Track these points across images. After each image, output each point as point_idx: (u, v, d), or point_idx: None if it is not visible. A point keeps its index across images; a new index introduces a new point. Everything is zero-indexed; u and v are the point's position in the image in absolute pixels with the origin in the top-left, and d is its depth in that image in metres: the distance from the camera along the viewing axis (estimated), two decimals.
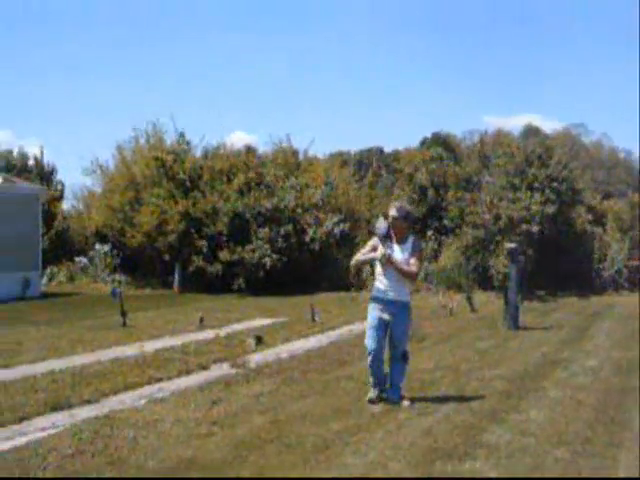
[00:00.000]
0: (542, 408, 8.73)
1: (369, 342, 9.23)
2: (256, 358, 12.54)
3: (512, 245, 18.12)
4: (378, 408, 8.80)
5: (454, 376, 10.83)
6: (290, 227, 29.08)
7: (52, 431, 7.94)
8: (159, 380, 10.76)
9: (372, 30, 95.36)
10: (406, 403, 8.98)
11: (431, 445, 7.20)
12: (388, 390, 9.25)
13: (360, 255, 9.52)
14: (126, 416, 8.50)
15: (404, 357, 9.29)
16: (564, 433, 7.61)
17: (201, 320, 17.29)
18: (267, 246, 28.45)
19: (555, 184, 26.25)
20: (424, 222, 28.82)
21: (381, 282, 9.18)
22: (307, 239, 29.13)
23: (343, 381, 10.45)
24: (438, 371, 11.19)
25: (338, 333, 16.08)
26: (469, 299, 20.70)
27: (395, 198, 28.90)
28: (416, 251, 9.20)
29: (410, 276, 9.15)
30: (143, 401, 9.41)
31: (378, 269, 9.23)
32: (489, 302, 22.23)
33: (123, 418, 8.40)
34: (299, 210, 29.84)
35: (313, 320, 17.62)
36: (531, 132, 51.33)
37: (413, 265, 9.06)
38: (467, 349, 13.50)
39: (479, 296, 23.08)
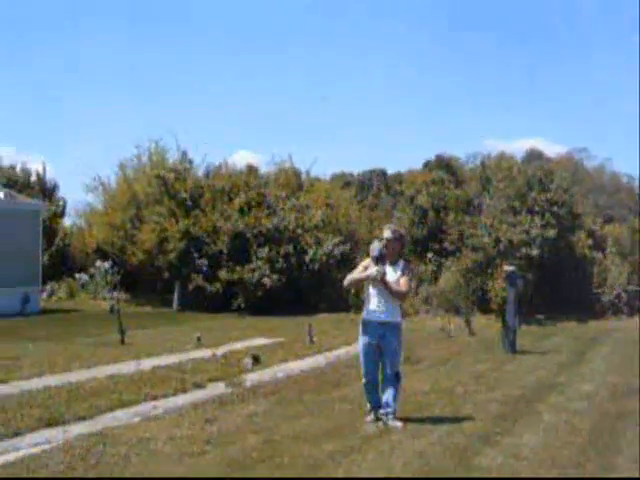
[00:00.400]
0: (536, 432, 8.72)
1: (363, 366, 9.39)
2: (252, 377, 12.54)
3: (510, 268, 18.14)
4: (372, 429, 8.80)
5: (449, 399, 10.83)
6: (290, 247, 29.15)
7: (45, 447, 7.95)
8: (154, 398, 10.76)
9: (376, 52, 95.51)
10: (398, 424, 8.98)
11: (423, 467, 7.19)
12: (381, 410, 9.25)
13: (353, 274, 9.60)
14: (120, 433, 8.51)
15: (396, 377, 9.29)
16: (557, 457, 7.61)
17: (198, 339, 17.30)
18: (267, 266, 28.49)
19: (555, 208, 26.31)
20: (424, 244, 28.82)
21: (372, 303, 9.29)
22: (307, 260, 29.17)
23: (338, 402, 10.44)
24: (433, 394, 11.18)
25: (335, 354, 16.08)
26: (468, 322, 20.71)
27: (396, 220, 29.00)
28: (406, 272, 9.34)
29: (399, 295, 9.26)
30: (137, 418, 9.42)
31: (370, 290, 9.32)
32: (488, 325, 22.19)
33: (116, 435, 8.41)
34: (300, 230, 29.91)
35: (311, 341, 17.62)
36: (534, 156, 51.38)
37: (403, 285, 9.21)
38: (464, 372, 13.49)
39: (478, 319, 23.09)
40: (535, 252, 25.20)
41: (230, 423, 9.09)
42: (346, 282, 9.70)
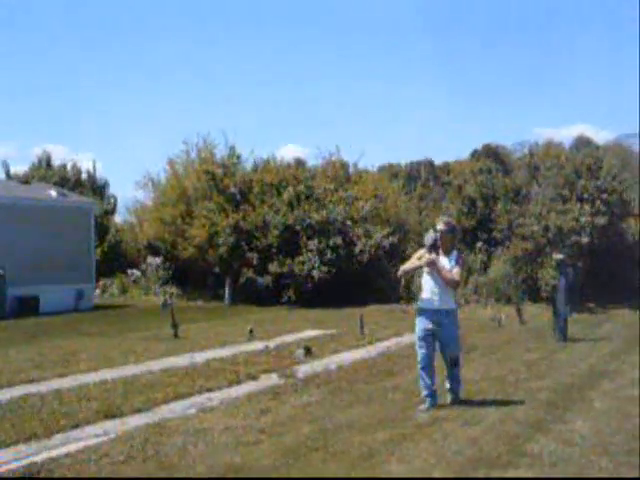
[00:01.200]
0: (587, 419, 8.74)
1: (419, 353, 9.65)
2: (305, 369, 12.66)
3: (560, 256, 18.07)
4: (425, 417, 8.89)
5: (501, 387, 10.87)
6: (339, 239, 29.17)
7: (104, 438, 8.16)
8: (209, 390, 10.93)
9: (423, 41, 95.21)
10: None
11: (475, 454, 7.26)
12: (449, 390, 9.72)
13: (407, 264, 9.97)
14: (176, 424, 8.69)
15: (455, 362, 9.69)
16: (608, 444, 7.62)
17: (251, 331, 17.46)
18: (316, 258, 28.59)
19: (605, 195, 26.09)
20: (473, 234, 28.73)
21: (427, 291, 9.61)
22: (356, 251, 29.20)
23: (390, 391, 10.53)
24: (485, 382, 11.23)
25: (386, 345, 16.14)
26: (518, 311, 20.65)
27: (444, 211, 28.94)
28: (459, 262, 9.68)
29: (453, 283, 9.58)
30: (193, 410, 9.59)
31: (424, 279, 9.67)
32: (538, 314, 22.09)
33: (173, 426, 8.59)
34: (348, 222, 29.95)
35: (362, 332, 17.70)
36: (582, 143, 50.84)
37: (456, 274, 9.53)
38: (515, 361, 13.50)
39: (528, 308, 22.96)
40: (585, 240, 25.03)
41: (284, 413, 9.23)
42: (400, 272, 10.06)
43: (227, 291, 30.36)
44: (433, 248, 9.49)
